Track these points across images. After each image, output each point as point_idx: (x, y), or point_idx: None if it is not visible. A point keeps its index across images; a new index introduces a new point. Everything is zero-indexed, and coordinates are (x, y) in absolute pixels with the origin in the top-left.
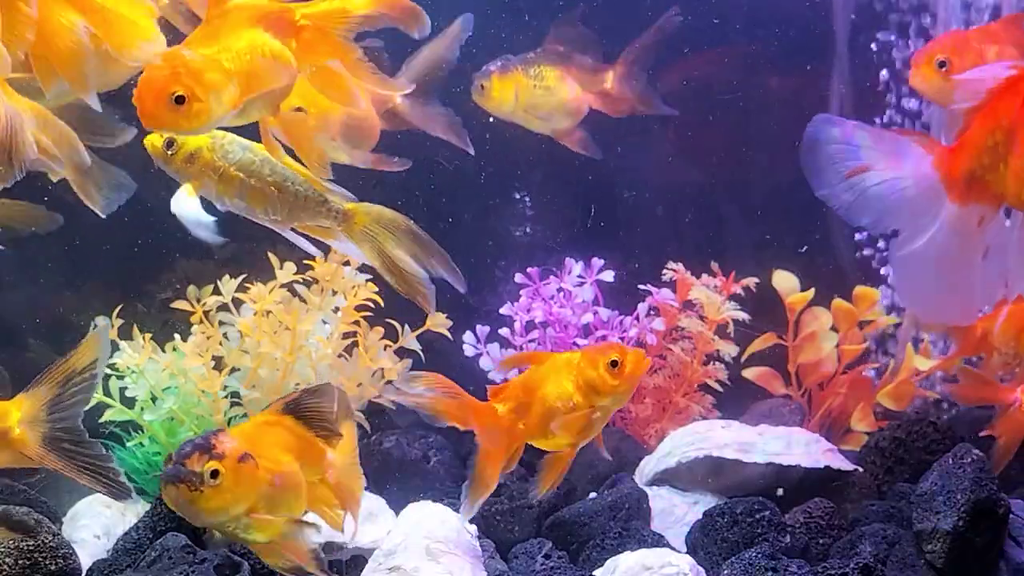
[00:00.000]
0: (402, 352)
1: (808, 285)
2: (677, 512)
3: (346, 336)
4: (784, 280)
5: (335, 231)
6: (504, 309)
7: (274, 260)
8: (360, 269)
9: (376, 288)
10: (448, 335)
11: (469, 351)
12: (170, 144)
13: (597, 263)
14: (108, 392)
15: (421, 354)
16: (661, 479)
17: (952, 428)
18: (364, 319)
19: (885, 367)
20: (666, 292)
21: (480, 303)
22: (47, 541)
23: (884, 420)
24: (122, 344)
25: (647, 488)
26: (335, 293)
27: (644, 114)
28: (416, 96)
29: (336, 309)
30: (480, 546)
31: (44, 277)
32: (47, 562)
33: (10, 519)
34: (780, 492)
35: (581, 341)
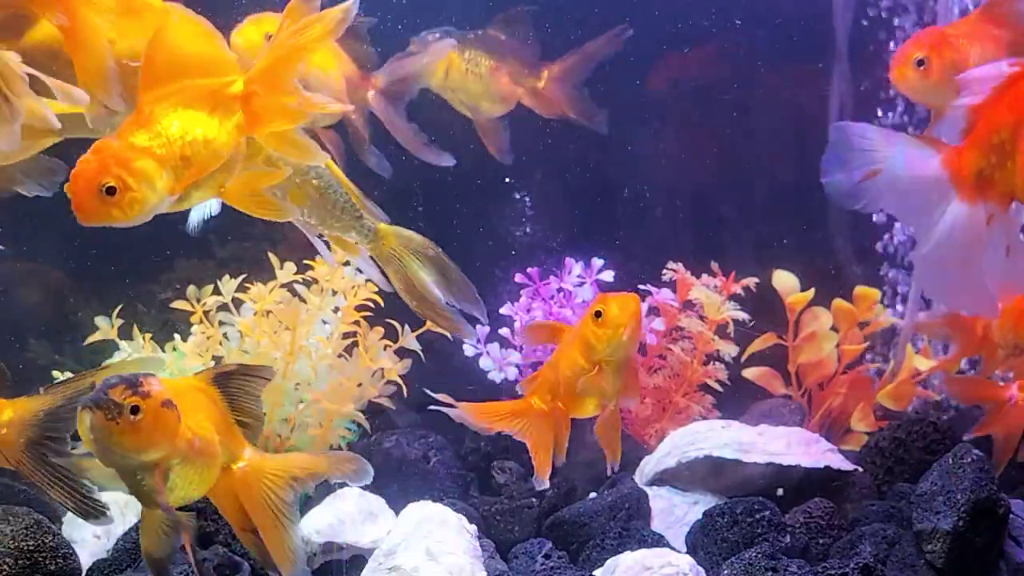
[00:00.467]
0: (402, 352)
1: (808, 285)
2: (677, 512)
3: (346, 336)
4: (784, 280)
5: (361, 247)
6: (504, 309)
7: (274, 260)
8: (360, 270)
9: (376, 288)
10: (448, 335)
11: (469, 351)
12: None
13: (597, 263)
14: None
15: (421, 354)
16: (661, 479)
17: (952, 428)
18: (364, 319)
19: (885, 367)
20: (666, 292)
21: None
22: (47, 541)
23: (884, 420)
24: (122, 344)
25: (647, 488)
26: (335, 293)
27: (575, 120)
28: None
29: (336, 309)
30: (480, 546)
31: (44, 277)
32: (47, 562)
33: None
34: (780, 492)
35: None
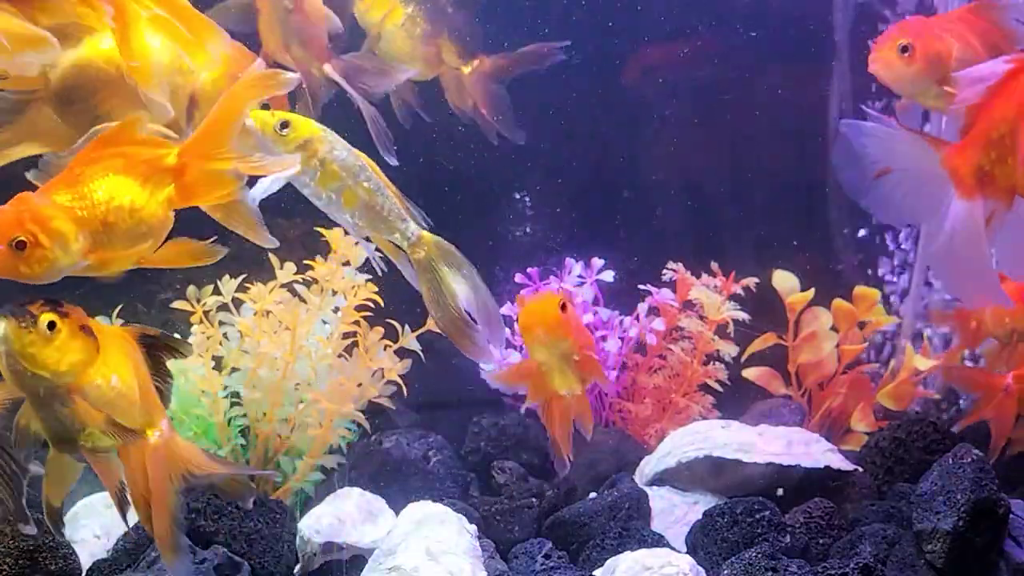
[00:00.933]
0: (402, 352)
1: (808, 285)
2: (677, 512)
3: (346, 336)
4: (784, 280)
5: (402, 251)
6: (504, 309)
7: (274, 260)
8: (360, 269)
9: (376, 288)
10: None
11: None
12: (284, 125)
13: (597, 263)
14: None
15: (421, 354)
16: (661, 479)
17: (952, 428)
18: (364, 319)
19: (885, 367)
20: (666, 292)
21: None
22: (47, 541)
23: (884, 420)
24: None
25: (647, 488)
26: (335, 293)
27: (483, 120)
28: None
29: (336, 309)
30: (480, 546)
31: None
32: (47, 562)
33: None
34: (780, 492)
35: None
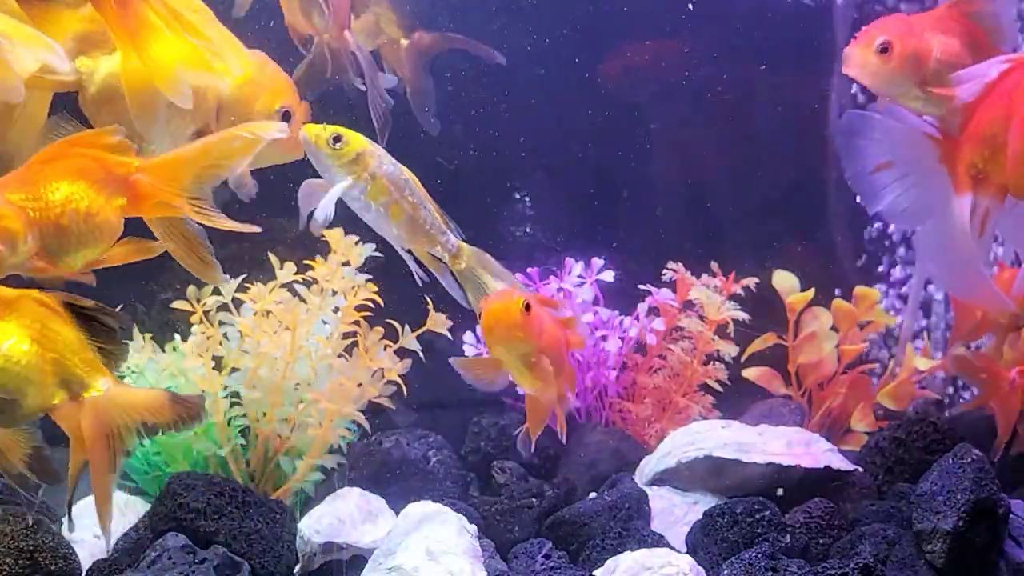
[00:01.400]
0: (402, 352)
1: (808, 285)
2: (677, 512)
3: (346, 336)
4: (784, 280)
5: (442, 263)
6: None
7: (274, 260)
8: (360, 269)
9: (376, 288)
10: (448, 335)
11: (469, 351)
12: (337, 139)
13: (597, 263)
14: None
15: (421, 354)
16: (661, 479)
17: (952, 428)
18: (364, 319)
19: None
20: (666, 292)
21: None
22: (47, 541)
23: (884, 420)
24: None
25: (647, 488)
26: (335, 293)
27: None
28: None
29: (336, 309)
30: (480, 546)
31: (43, 278)
32: (47, 562)
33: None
34: (780, 492)
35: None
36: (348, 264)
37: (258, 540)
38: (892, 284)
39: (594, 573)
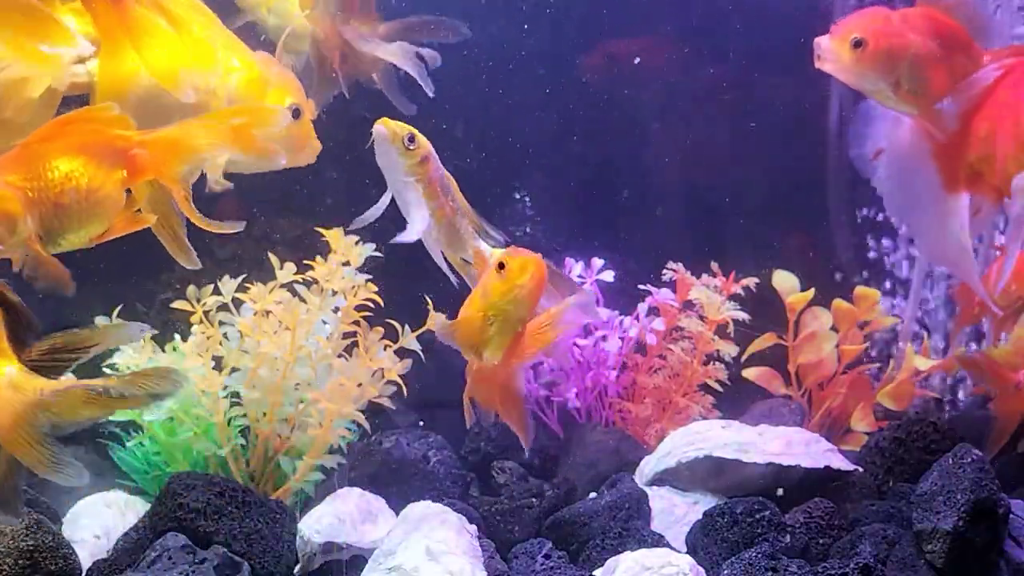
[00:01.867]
0: (402, 352)
1: (808, 285)
2: (677, 512)
3: (346, 336)
4: (784, 280)
5: (472, 267)
6: None
7: (274, 260)
8: (360, 269)
9: (376, 288)
10: None
11: None
12: (412, 139)
13: (597, 263)
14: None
15: (421, 354)
16: (661, 479)
17: (952, 428)
18: (364, 319)
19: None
20: (666, 292)
21: None
22: (47, 541)
23: (884, 420)
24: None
25: (647, 488)
26: (335, 293)
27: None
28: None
29: (336, 309)
30: (480, 546)
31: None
32: (47, 562)
33: None
34: (780, 492)
35: (581, 341)
36: (348, 264)
37: (258, 540)
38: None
39: (594, 573)
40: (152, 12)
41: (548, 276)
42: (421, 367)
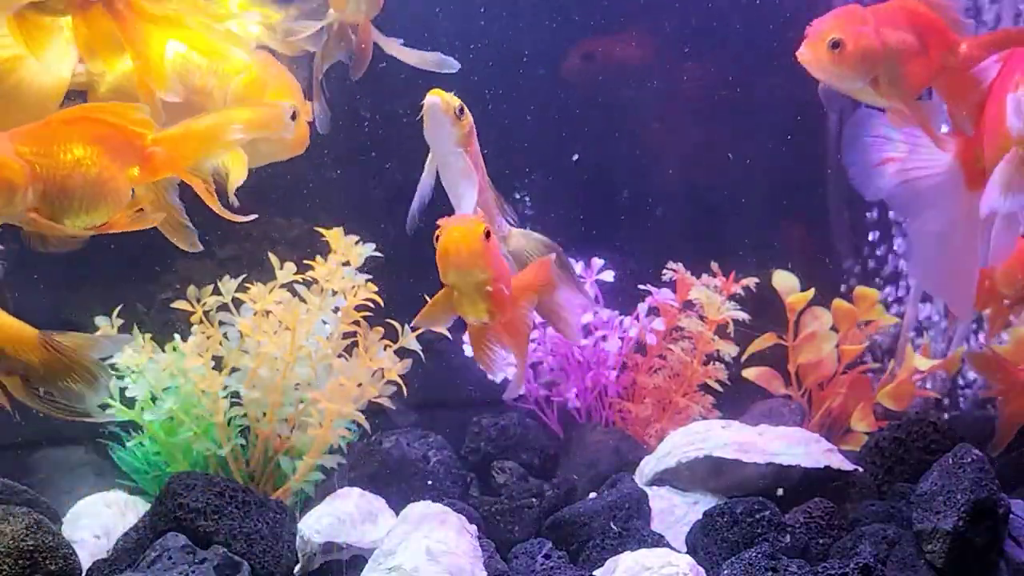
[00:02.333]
0: (402, 352)
1: (808, 285)
2: (677, 512)
3: (346, 336)
4: (784, 280)
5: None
6: None
7: (274, 260)
8: (360, 269)
9: (376, 288)
10: (448, 335)
11: (469, 351)
12: (462, 111)
13: (597, 263)
14: (108, 392)
15: (421, 354)
16: (661, 479)
17: (952, 428)
18: (364, 319)
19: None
20: (666, 292)
21: None
22: (47, 541)
23: (884, 420)
24: None
25: (647, 488)
26: (335, 293)
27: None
28: None
29: (336, 309)
30: (480, 546)
31: (44, 277)
32: (47, 562)
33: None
34: (780, 492)
35: (582, 341)
36: (348, 264)
37: (258, 540)
38: (893, 283)
39: (594, 573)
40: (152, 13)
41: (554, 262)
42: (421, 367)
